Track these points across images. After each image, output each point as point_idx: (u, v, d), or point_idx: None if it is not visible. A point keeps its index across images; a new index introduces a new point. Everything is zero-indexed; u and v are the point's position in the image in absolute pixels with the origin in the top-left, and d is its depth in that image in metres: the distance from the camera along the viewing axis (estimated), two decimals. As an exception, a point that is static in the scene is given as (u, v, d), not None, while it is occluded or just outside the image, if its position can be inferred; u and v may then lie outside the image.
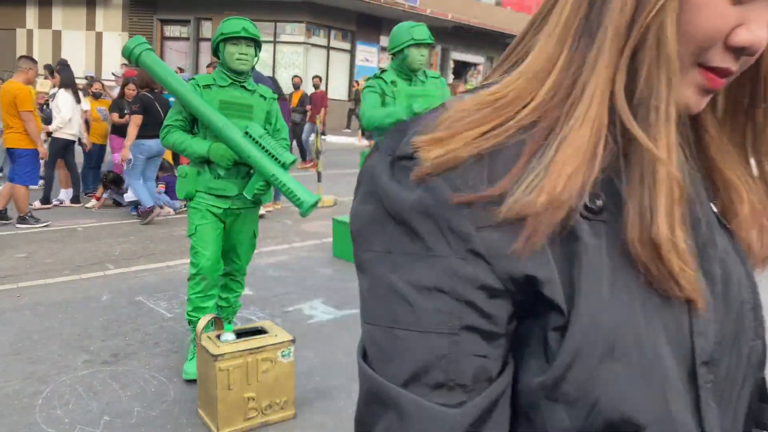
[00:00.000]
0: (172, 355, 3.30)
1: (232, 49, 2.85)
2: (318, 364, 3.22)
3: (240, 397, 2.54)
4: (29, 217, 6.12)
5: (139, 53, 2.85)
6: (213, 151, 2.82)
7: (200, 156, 2.85)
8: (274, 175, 2.76)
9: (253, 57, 2.91)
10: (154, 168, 6.75)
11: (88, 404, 2.75)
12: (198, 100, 2.82)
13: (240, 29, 2.83)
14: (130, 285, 4.46)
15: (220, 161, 2.83)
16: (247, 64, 2.89)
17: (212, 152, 2.83)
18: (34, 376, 3.01)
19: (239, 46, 2.86)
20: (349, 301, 4.26)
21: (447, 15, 20.47)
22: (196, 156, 2.86)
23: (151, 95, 6.51)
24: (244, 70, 2.89)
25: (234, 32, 2.82)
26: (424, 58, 3.66)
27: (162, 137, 2.92)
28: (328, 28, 19.86)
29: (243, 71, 2.90)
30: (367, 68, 20.37)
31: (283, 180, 2.76)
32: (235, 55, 2.85)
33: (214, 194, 2.91)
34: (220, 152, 2.81)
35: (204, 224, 2.93)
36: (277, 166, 2.78)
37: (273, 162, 2.79)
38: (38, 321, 3.72)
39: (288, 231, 6.41)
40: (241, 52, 2.86)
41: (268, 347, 2.58)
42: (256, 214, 3.09)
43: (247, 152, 2.78)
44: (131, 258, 5.20)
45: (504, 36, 23.95)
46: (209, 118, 2.80)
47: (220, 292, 3.11)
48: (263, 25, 18.66)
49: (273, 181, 2.77)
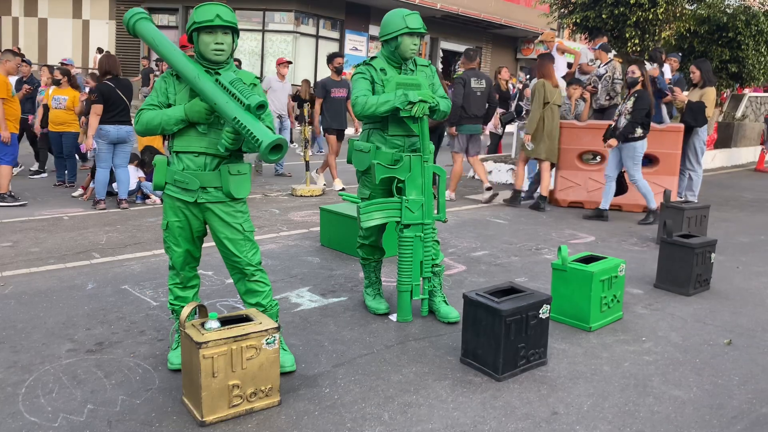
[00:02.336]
0: (158, 343, 3.30)
1: (207, 38, 2.73)
2: (304, 352, 3.23)
3: (224, 385, 2.54)
4: (8, 196, 6.66)
5: (134, 22, 2.86)
6: (189, 109, 2.74)
7: (179, 119, 2.75)
8: (235, 117, 2.58)
9: (230, 46, 2.78)
10: (124, 156, 6.73)
11: (72, 393, 2.75)
12: (181, 58, 2.76)
13: (213, 17, 2.69)
14: (115, 274, 4.45)
15: (198, 117, 2.73)
16: (224, 54, 2.77)
17: (188, 110, 2.74)
18: (18, 365, 3.00)
19: (215, 35, 2.73)
20: (335, 289, 4.27)
21: (436, 4, 20.38)
22: (174, 122, 2.75)
23: (111, 82, 6.58)
24: (220, 60, 2.77)
25: (207, 20, 2.69)
26: (417, 47, 3.63)
27: (135, 122, 2.85)
28: (316, 16, 19.73)
29: (220, 62, 2.78)
30: (356, 57, 20.26)
31: (243, 121, 2.56)
32: (210, 45, 2.73)
33: (179, 186, 2.83)
34: (195, 108, 2.72)
35: (175, 221, 2.89)
36: (240, 109, 2.60)
37: (237, 105, 2.61)
38: (23, 310, 3.70)
39: (275, 220, 6.39)
40: (216, 42, 2.73)
41: (253, 335, 2.58)
42: (239, 209, 2.90)
43: (214, 99, 2.64)
44: (117, 247, 5.17)
45: (492, 26, 23.89)
46: (186, 72, 2.73)
47: (249, 299, 2.96)
48: (252, 13, 18.52)
49: (235, 124, 2.59)
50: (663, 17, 11.37)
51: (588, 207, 7.52)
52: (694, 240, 4.48)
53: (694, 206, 5.80)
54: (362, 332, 3.53)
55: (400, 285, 3.64)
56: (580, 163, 7.74)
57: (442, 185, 3.79)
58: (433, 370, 3.09)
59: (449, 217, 6.44)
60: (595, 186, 7.55)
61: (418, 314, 3.77)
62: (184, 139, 2.82)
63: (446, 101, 3.68)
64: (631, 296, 4.31)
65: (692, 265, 4.36)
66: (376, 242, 3.85)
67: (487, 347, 3.03)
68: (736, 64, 12.49)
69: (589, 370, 3.15)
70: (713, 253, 4.55)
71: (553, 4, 12.73)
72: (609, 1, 11.10)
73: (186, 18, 19.58)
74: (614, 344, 3.50)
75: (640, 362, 3.27)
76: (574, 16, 11.90)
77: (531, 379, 3.02)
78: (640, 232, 6.41)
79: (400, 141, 3.63)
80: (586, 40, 12.71)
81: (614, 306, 3.83)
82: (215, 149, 2.79)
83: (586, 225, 6.67)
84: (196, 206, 2.87)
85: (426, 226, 3.63)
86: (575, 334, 3.62)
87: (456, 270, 4.82)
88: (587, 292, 3.64)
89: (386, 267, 4.64)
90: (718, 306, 4.22)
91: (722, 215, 7.53)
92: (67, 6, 20.70)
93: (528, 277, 4.68)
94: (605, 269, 3.72)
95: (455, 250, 5.39)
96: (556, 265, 3.79)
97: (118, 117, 6.54)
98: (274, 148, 2.54)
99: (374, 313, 3.80)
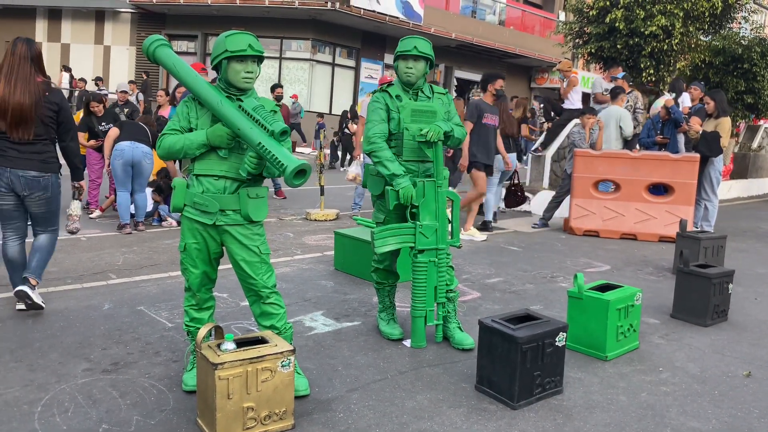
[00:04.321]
0: (173, 364, 3.30)
1: (238, 66, 2.80)
2: (317, 376, 3.22)
3: (239, 407, 2.54)
4: None
5: (153, 49, 2.93)
6: (211, 134, 2.79)
7: (201, 144, 2.80)
8: (260, 143, 2.64)
9: (256, 74, 2.87)
10: (142, 180, 6.78)
11: (88, 412, 2.76)
12: (202, 84, 2.83)
13: (246, 47, 2.78)
14: (132, 295, 4.48)
15: (220, 142, 2.78)
16: (252, 82, 2.85)
17: (210, 135, 2.79)
18: (34, 383, 3.02)
19: (245, 64, 2.81)
20: (349, 313, 4.26)
21: (450, 34, 20.63)
22: (196, 146, 2.81)
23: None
24: (249, 88, 2.86)
25: (240, 50, 2.77)
26: (413, 71, 3.60)
27: (157, 147, 2.91)
28: (333, 45, 20.03)
29: (248, 89, 2.87)
30: (371, 85, 20.49)
31: (268, 147, 2.63)
32: (241, 73, 2.80)
33: (198, 209, 2.87)
34: (217, 132, 2.78)
35: (192, 243, 2.92)
36: (265, 135, 2.67)
37: (261, 131, 2.68)
38: (40, 329, 3.73)
39: (290, 244, 6.42)
40: (247, 71, 2.81)
41: (269, 357, 2.59)
42: (256, 231, 2.93)
43: (238, 125, 2.71)
44: (134, 268, 5.22)
45: (507, 55, 24.09)
46: (208, 98, 2.80)
47: (263, 321, 2.97)
48: (270, 41, 18.84)
49: (260, 150, 2.65)
50: (678, 48, 11.43)
51: (603, 236, 7.49)
52: (712, 270, 4.44)
53: (711, 236, 5.75)
54: (376, 357, 3.52)
55: (414, 310, 3.63)
56: (594, 191, 7.74)
57: (456, 210, 3.81)
58: (448, 397, 3.07)
59: (463, 243, 6.44)
60: (611, 214, 7.53)
61: (432, 340, 3.76)
62: (205, 162, 2.87)
63: (461, 129, 3.71)
64: (648, 326, 4.27)
65: (709, 296, 4.32)
66: (390, 267, 3.86)
67: (503, 375, 3.01)
68: (751, 95, 12.49)
69: (605, 400, 3.11)
70: (731, 284, 4.50)
71: (568, 35, 12.84)
72: (624, 32, 11.19)
73: (205, 45, 19.95)
74: (631, 374, 3.46)
75: (658, 393, 3.23)
76: (589, 46, 11.99)
77: (547, 408, 2.99)
78: (655, 262, 6.36)
79: (414, 166, 3.66)
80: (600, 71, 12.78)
81: (630, 335, 3.79)
82: (235, 173, 2.84)
83: (601, 254, 6.64)
84: (214, 228, 2.90)
85: (440, 251, 3.63)
86: (591, 363, 3.59)
87: (470, 296, 4.81)
88: (603, 321, 3.61)
89: (400, 292, 4.64)
90: (737, 337, 4.16)
91: (739, 246, 7.46)
92: (89, 32, 21.19)
93: (543, 305, 4.65)
94: (621, 298, 3.69)
95: (469, 277, 5.38)
96: (572, 293, 3.77)
97: (134, 136, 6.64)
98: (299, 173, 2.61)
99: (388, 339, 3.79)
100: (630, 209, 7.51)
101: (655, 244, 7.18)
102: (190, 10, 19.36)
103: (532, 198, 9.55)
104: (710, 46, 12.61)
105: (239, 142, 2.83)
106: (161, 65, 2.96)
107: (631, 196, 7.52)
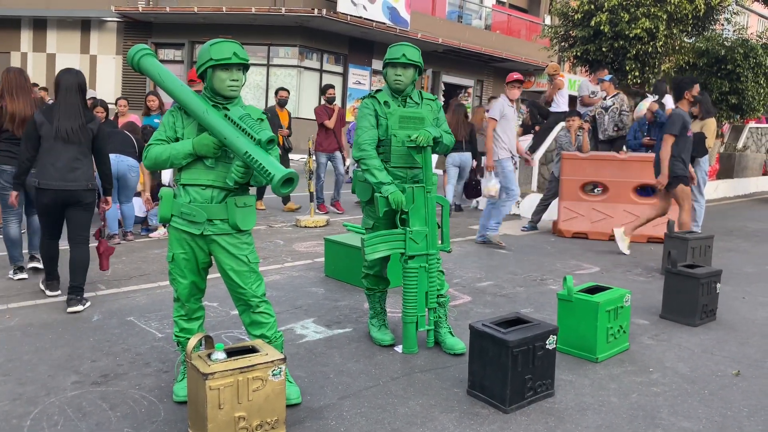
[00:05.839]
0: (163, 375, 3.29)
1: (223, 75, 2.80)
2: (309, 384, 3.22)
3: (230, 417, 2.53)
4: None
5: (138, 59, 2.93)
6: (197, 143, 2.79)
7: (187, 154, 2.79)
8: (246, 152, 2.64)
9: (242, 82, 2.86)
10: (128, 192, 6.72)
11: (77, 426, 2.73)
12: (188, 93, 2.83)
13: (231, 54, 2.77)
14: (121, 305, 4.45)
15: (206, 151, 2.77)
16: (238, 90, 2.84)
17: (196, 144, 2.79)
18: (23, 397, 2.99)
19: (230, 72, 2.80)
20: (340, 320, 4.26)
21: (437, 39, 20.70)
22: (182, 156, 2.80)
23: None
24: (234, 96, 2.85)
25: (225, 58, 2.76)
26: (402, 78, 3.61)
27: (144, 157, 2.90)
28: (320, 51, 20.04)
29: (233, 97, 2.86)
30: (359, 91, 20.53)
31: (255, 156, 2.62)
32: (226, 81, 2.79)
33: (186, 219, 2.86)
34: (204, 142, 2.77)
35: (180, 253, 2.91)
36: (251, 144, 2.66)
37: (247, 140, 2.67)
38: (28, 342, 3.70)
39: (280, 251, 6.41)
40: (232, 79, 2.80)
41: (259, 366, 2.58)
42: (244, 240, 2.92)
43: (224, 134, 2.70)
44: (123, 279, 5.19)
45: (494, 59, 24.21)
46: (194, 107, 2.79)
47: (253, 330, 2.97)
48: (257, 48, 18.83)
49: (246, 159, 2.64)
50: (662, 50, 11.54)
51: (592, 237, 7.53)
52: (699, 270, 4.48)
53: (698, 236, 5.80)
54: (368, 364, 3.52)
55: (405, 316, 3.64)
56: (582, 193, 7.78)
57: (446, 215, 3.82)
58: (440, 402, 3.07)
59: (453, 247, 6.45)
60: (599, 216, 7.58)
61: (424, 345, 3.76)
62: (192, 172, 2.86)
63: (450, 136, 3.74)
64: (637, 327, 4.30)
65: (698, 296, 4.35)
66: (380, 272, 3.86)
67: (494, 379, 3.01)
68: (735, 96, 12.63)
69: (596, 402, 3.13)
70: (719, 284, 4.54)
71: (554, 38, 12.93)
72: (609, 35, 11.29)
73: (191, 53, 19.90)
74: (621, 375, 3.48)
75: (648, 393, 3.25)
76: (575, 49, 12.08)
77: (539, 411, 3.00)
78: (644, 263, 6.40)
79: (402, 173, 3.67)
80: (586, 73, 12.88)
81: (620, 337, 3.81)
82: (222, 182, 2.83)
83: (590, 256, 6.67)
84: (202, 238, 2.89)
85: (430, 256, 3.64)
86: (582, 365, 3.60)
87: (461, 301, 4.82)
88: (593, 323, 3.63)
89: (391, 298, 4.64)
90: (725, 336, 4.19)
91: (726, 245, 7.53)
92: (74, 42, 21.08)
93: (534, 308, 4.67)
94: (611, 299, 3.72)
95: (460, 281, 5.39)
96: (561, 296, 3.79)
97: (119, 147, 6.52)
98: (286, 182, 2.60)
99: (379, 345, 3.79)
100: (618, 211, 7.56)
101: (643, 245, 7.23)
102: (176, 19, 19.32)
103: (521, 201, 9.60)
104: (694, 48, 12.75)
105: (226, 152, 2.82)
106: (146, 75, 2.95)
107: (619, 197, 7.58)
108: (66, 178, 4.25)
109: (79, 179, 4.31)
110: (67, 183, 4.26)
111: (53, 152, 4.27)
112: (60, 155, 4.26)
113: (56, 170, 4.24)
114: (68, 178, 4.26)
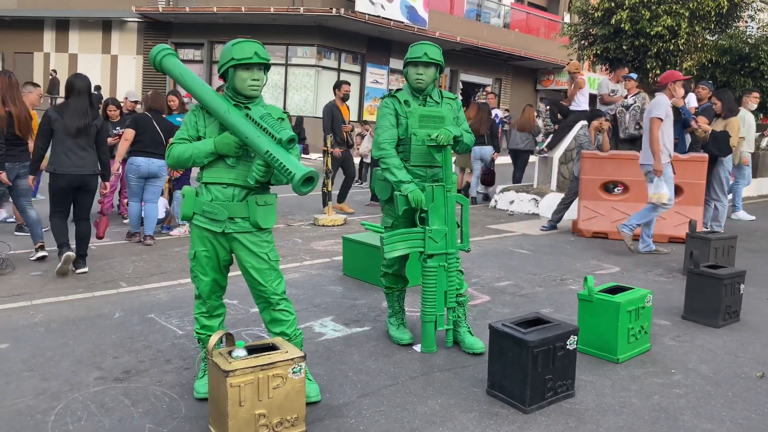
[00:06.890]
0: (184, 371, 3.31)
1: (244, 74, 2.82)
2: (328, 382, 3.22)
3: (251, 414, 2.55)
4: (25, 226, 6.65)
5: (160, 58, 2.95)
6: (218, 142, 2.81)
7: (209, 152, 2.82)
8: (268, 151, 2.66)
9: (263, 82, 2.88)
10: (154, 191, 6.67)
11: (100, 421, 2.77)
12: (210, 93, 2.85)
13: (252, 54, 2.79)
14: (142, 303, 4.50)
15: (227, 150, 2.79)
16: (259, 90, 2.86)
17: (218, 143, 2.81)
18: (47, 392, 3.03)
19: (251, 72, 2.82)
20: (359, 318, 4.27)
21: (456, 37, 20.64)
22: (204, 155, 2.82)
23: (150, 114, 6.66)
24: (256, 95, 2.87)
25: (246, 58, 2.78)
26: (423, 77, 3.60)
27: (167, 156, 2.93)
28: (338, 50, 20.09)
29: (255, 97, 2.88)
30: (377, 90, 20.54)
31: (276, 155, 2.64)
32: (247, 81, 2.81)
33: (207, 217, 2.88)
34: (225, 141, 2.79)
35: (202, 251, 2.93)
36: (272, 143, 2.69)
37: (268, 139, 2.70)
38: (51, 338, 3.75)
39: (298, 249, 6.44)
40: (253, 78, 2.82)
41: (280, 363, 2.59)
42: (265, 238, 2.94)
43: (245, 133, 2.72)
44: (144, 276, 5.24)
45: (513, 57, 24.09)
46: (215, 107, 2.81)
47: (273, 328, 2.98)
48: (275, 48, 18.93)
49: (267, 158, 2.67)
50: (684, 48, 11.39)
51: (612, 237, 7.46)
52: (722, 271, 4.41)
53: (721, 236, 5.72)
54: (386, 363, 3.52)
55: (424, 315, 3.63)
56: (603, 193, 7.71)
57: (466, 214, 3.80)
58: (459, 401, 3.06)
59: (472, 247, 6.43)
60: (619, 216, 7.50)
61: (443, 345, 3.75)
62: (213, 170, 2.88)
63: (470, 135, 3.72)
64: (659, 327, 4.25)
65: (721, 297, 4.29)
66: (399, 271, 3.86)
67: (514, 379, 3.00)
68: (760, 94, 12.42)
69: (617, 403, 3.09)
70: (743, 284, 4.48)
71: (573, 36, 12.83)
72: (629, 33, 11.17)
73: (211, 53, 20.06)
74: (643, 376, 3.44)
75: (671, 395, 3.21)
76: (595, 47, 11.97)
77: (558, 412, 2.98)
78: (665, 263, 6.32)
79: (422, 171, 3.66)
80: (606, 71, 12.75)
81: (642, 337, 3.77)
82: (244, 181, 2.85)
83: (610, 256, 6.61)
84: (224, 236, 2.91)
85: (450, 255, 3.63)
86: (603, 365, 3.57)
87: (480, 300, 4.80)
88: (614, 323, 3.59)
89: (410, 297, 4.63)
90: (749, 338, 4.13)
91: (750, 245, 7.42)
92: (96, 42, 21.36)
93: (553, 308, 4.63)
94: (632, 300, 3.68)
95: (479, 281, 5.37)
96: (582, 296, 3.75)
97: (150, 149, 6.50)
98: (306, 180, 2.62)
99: (398, 344, 3.79)
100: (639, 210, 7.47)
101: (664, 245, 7.15)
102: (196, 19, 19.49)
103: (540, 200, 9.53)
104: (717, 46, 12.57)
105: (247, 150, 2.84)
106: (168, 74, 2.98)
107: (639, 197, 7.48)
108: (77, 165, 5.12)
109: (87, 166, 5.19)
110: (78, 169, 5.13)
111: (65, 144, 5.10)
112: (71, 147, 5.11)
113: (69, 159, 5.09)
114: (79, 164, 5.13)
